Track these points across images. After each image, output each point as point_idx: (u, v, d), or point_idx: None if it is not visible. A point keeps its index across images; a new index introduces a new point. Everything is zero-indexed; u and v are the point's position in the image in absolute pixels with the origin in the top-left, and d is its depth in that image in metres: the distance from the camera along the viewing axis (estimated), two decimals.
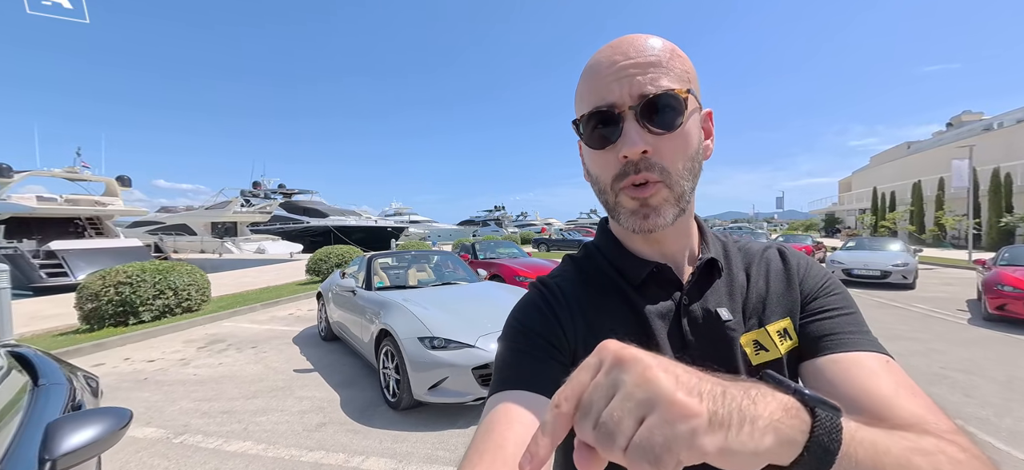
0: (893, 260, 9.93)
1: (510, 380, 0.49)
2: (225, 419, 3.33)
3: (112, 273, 6.67)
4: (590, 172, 0.57)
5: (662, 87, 0.49)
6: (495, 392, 0.49)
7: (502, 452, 0.41)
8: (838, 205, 44.11)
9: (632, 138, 0.48)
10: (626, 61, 0.50)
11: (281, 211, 33.31)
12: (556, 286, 0.60)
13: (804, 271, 0.61)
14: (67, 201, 19.77)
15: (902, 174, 30.94)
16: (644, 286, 0.57)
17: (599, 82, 0.51)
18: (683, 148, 0.51)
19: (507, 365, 0.52)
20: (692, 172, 0.53)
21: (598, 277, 0.61)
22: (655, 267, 0.57)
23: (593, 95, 0.51)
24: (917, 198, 26.12)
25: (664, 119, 0.49)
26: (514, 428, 0.44)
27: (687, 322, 0.55)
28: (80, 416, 1.29)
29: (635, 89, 0.49)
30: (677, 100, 0.49)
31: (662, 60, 0.50)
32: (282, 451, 2.84)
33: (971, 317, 6.69)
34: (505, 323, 0.58)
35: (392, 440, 2.98)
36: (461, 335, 3.36)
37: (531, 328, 0.55)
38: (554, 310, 0.57)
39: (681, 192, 0.52)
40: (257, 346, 5.41)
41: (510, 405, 0.46)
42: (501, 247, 10.89)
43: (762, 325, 0.56)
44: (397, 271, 5.43)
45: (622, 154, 0.49)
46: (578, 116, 0.54)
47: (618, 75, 0.49)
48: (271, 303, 8.12)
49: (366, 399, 3.69)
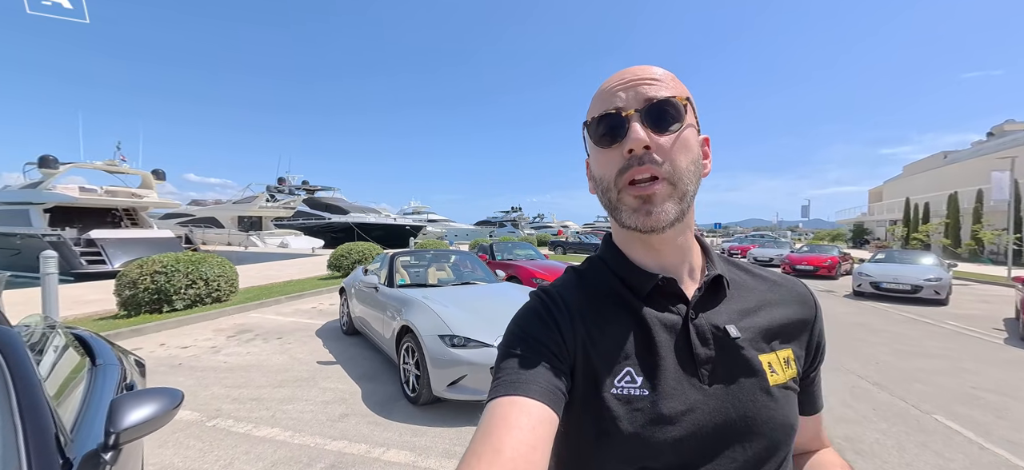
0: (925, 274, 9.56)
1: (509, 385, 0.50)
2: (254, 406, 3.49)
3: (149, 262, 7.02)
4: (594, 175, 0.60)
5: (664, 95, 0.54)
6: (493, 397, 0.50)
7: (499, 457, 0.41)
8: (868, 215, 42.53)
9: (637, 133, 0.52)
10: (633, 77, 0.55)
11: (304, 207, 34.21)
12: (558, 294, 0.61)
13: (819, 324, 0.66)
14: (107, 192, 20.76)
15: (937, 185, 29.64)
16: (649, 298, 0.58)
17: (609, 94, 0.56)
18: (684, 149, 0.54)
19: (506, 370, 0.52)
20: (694, 176, 0.56)
21: (601, 288, 0.62)
22: (661, 279, 0.58)
23: (603, 104, 0.56)
24: (953, 210, 24.98)
25: (666, 122, 0.54)
26: (512, 433, 0.44)
27: (695, 335, 0.56)
28: (140, 394, 1.40)
29: (641, 95, 0.54)
30: (677, 107, 0.54)
31: (664, 80, 0.56)
32: (308, 439, 2.97)
33: (1008, 337, 6.38)
34: (506, 329, 0.59)
35: (411, 434, 3.08)
36: (480, 334, 3.44)
37: (531, 335, 0.55)
38: (555, 318, 0.57)
39: (684, 191, 0.54)
40: (282, 337, 5.62)
41: (508, 410, 0.46)
42: (519, 248, 10.95)
43: (772, 348, 0.58)
44: (418, 270, 5.56)
45: (627, 149, 0.53)
46: (588, 119, 0.59)
47: (625, 86, 0.55)
48: (295, 296, 8.39)
49: (386, 393, 3.80)
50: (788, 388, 0.57)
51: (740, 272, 0.66)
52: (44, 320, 2.19)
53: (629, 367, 0.54)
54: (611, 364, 0.54)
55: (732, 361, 0.55)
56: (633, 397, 0.52)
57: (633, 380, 0.53)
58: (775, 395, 0.55)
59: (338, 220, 31.93)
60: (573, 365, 0.55)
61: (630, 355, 0.55)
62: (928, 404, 3.80)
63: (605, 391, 0.53)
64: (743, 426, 0.53)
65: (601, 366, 0.54)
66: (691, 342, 0.55)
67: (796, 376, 0.59)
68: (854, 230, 40.98)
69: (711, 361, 0.55)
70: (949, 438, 3.21)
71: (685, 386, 0.53)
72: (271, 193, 36.65)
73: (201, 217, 32.56)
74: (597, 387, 0.53)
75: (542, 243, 27.42)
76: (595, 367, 0.54)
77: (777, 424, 0.54)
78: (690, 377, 0.54)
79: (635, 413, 0.51)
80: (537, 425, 0.45)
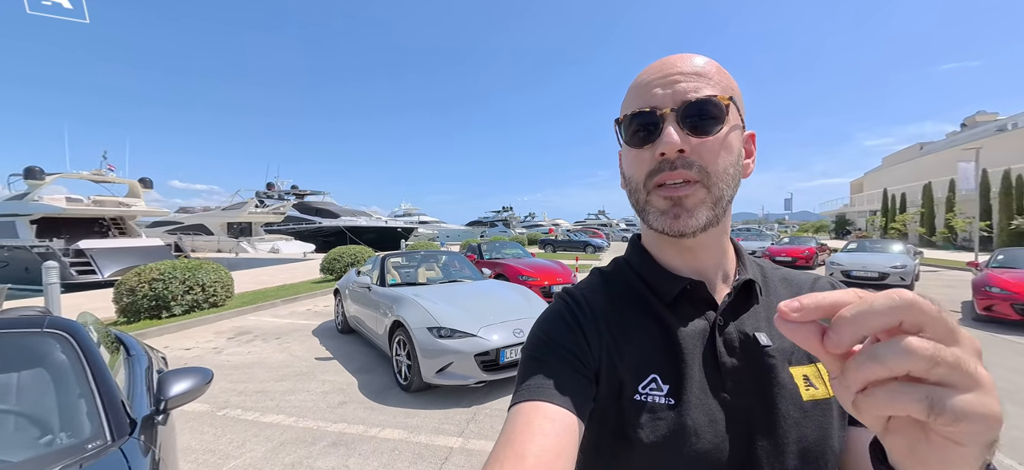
0: (892, 262, 10.13)
1: (532, 390, 0.48)
2: (259, 397, 3.80)
3: (147, 270, 7.24)
4: (625, 174, 0.57)
5: (704, 94, 0.50)
6: (517, 402, 0.48)
7: (523, 463, 0.41)
8: (849, 207, 43.67)
9: (670, 137, 0.49)
10: (672, 71, 0.51)
11: (294, 212, 34.17)
12: (582, 298, 0.59)
13: None
14: (94, 202, 20.67)
15: (914, 176, 30.65)
16: (676, 303, 0.56)
17: (644, 89, 0.52)
18: (722, 153, 0.51)
19: (529, 375, 0.50)
20: (732, 180, 0.52)
21: (626, 291, 0.59)
22: (688, 284, 0.55)
23: (637, 100, 0.53)
24: (928, 200, 25.92)
25: (704, 124, 0.50)
26: (535, 439, 0.43)
27: (722, 344, 0.53)
28: (180, 372, 1.73)
29: (678, 95, 0.50)
30: (718, 107, 0.50)
31: (707, 73, 0.51)
32: (310, 423, 3.30)
33: (962, 318, 6.90)
34: (529, 333, 0.58)
35: (404, 416, 3.41)
36: (465, 326, 3.79)
37: (555, 339, 0.54)
38: (579, 322, 0.55)
39: (719, 196, 0.51)
40: (281, 337, 5.91)
41: (532, 416, 0.45)
42: (506, 248, 11.30)
43: (811, 360, 0.53)
44: (408, 270, 5.88)
45: (659, 152, 0.50)
46: (621, 116, 0.55)
47: (663, 83, 0.51)
48: (290, 299, 8.65)
49: (380, 383, 4.13)
50: (827, 405, 0.52)
51: (774, 276, 0.63)
52: (89, 317, 2.49)
53: (655, 374, 0.52)
54: (636, 371, 0.52)
55: (761, 372, 0.52)
56: (657, 406, 0.50)
57: (659, 388, 0.51)
58: (808, 411, 0.51)
59: (329, 224, 31.98)
60: (598, 370, 0.53)
61: (656, 362, 0.52)
62: None
63: (630, 398, 0.51)
64: (770, 445, 0.49)
65: (626, 372, 0.52)
66: (717, 351, 0.53)
67: None
68: (836, 221, 42.06)
69: (737, 372, 0.52)
70: None
71: (710, 397, 0.51)
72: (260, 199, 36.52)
73: (189, 225, 32.41)
74: (621, 394, 0.51)
75: (533, 242, 27.77)
76: (620, 373, 0.52)
77: (810, 443, 0.50)
78: (716, 388, 0.51)
79: (658, 423, 0.49)
80: (561, 431, 0.44)
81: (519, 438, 0.43)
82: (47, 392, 1.44)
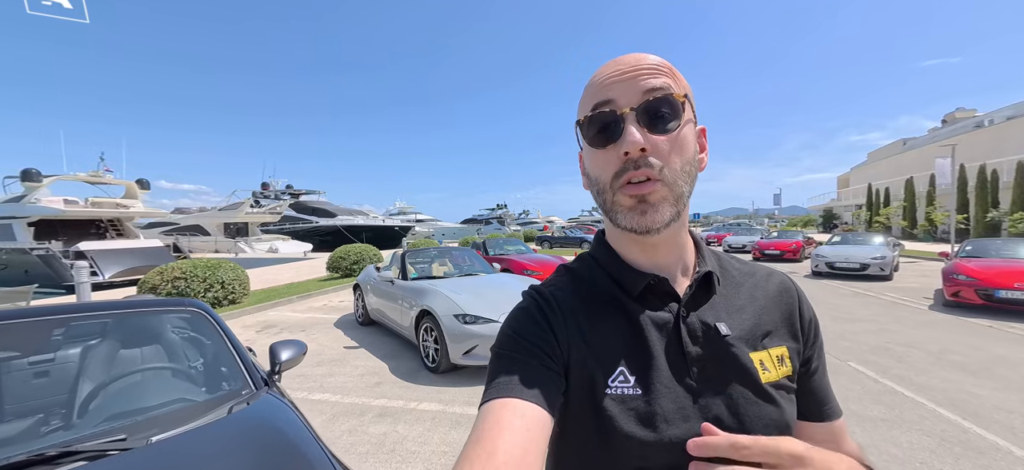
0: (872, 253, 10.75)
1: (501, 387, 0.49)
2: (301, 380, 4.21)
3: (169, 269, 7.59)
4: (589, 175, 0.58)
5: (661, 93, 0.51)
6: (487, 400, 0.49)
7: (492, 460, 0.41)
8: (837, 201, 44.77)
9: (633, 136, 0.50)
10: (628, 68, 0.53)
11: (291, 212, 34.27)
12: (550, 294, 0.60)
13: (808, 314, 0.64)
14: (92, 204, 20.69)
15: (897, 171, 31.62)
16: (641, 297, 0.58)
17: (601, 87, 0.53)
18: (681, 150, 0.53)
19: (499, 372, 0.52)
20: (689, 176, 0.54)
21: (593, 287, 0.61)
22: (653, 279, 0.57)
23: (596, 98, 0.53)
24: (910, 194, 26.87)
25: (663, 121, 0.51)
26: (504, 436, 0.44)
27: (686, 334, 0.55)
28: (284, 343, 2.16)
29: (636, 92, 0.51)
30: (675, 104, 0.52)
31: (661, 70, 0.53)
32: (355, 399, 3.73)
33: (933, 304, 7.40)
34: (499, 331, 0.58)
35: (437, 392, 3.86)
36: (487, 312, 4.24)
37: (524, 336, 0.55)
38: (548, 318, 0.57)
39: (679, 193, 0.53)
40: (305, 330, 6.31)
41: (501, 413, 0.46)
42: (509, 244, 11.77)
43: (764, 346, 0.57)
44: (425, 265, 6.32)
45: (623, 151, 0.51)
46: (581, 117, 0.56)
47: (620, 80, 0.52)
48: (304, 296, 9.03)
49: (409, 367, 4.56)
50: (783, 387, 0.57)
51: (730, 267, 0.66)
52: None
53: (623, 367, 0.54)
54: (605, 364, 0.54)
55: (722, 359, 0.55)
56: (627, 397, 0.52)
57: (626, 379, 0.53)
58: (768, 394, 0.55)
59: (326, 223, 32.14)
60: (567, 365, 0.54)
61: (623, 355, 0.54)
62: (847, 355, 4.74)
63: (600, 391, 0.53)
64: (735, 425, 0.52)
65: (595, 366, 0.54)
66: (682, 341, 0.55)
67: (791, 374, 0.58)
68: (824, 215, 43.10)
69: (702, 360, 0.55)
70: (855, 376, 4.13)
71: (676, 385, 0.53)
72: (256, 199, 36.56)
73: (186, 225, 32.38)
74: (592, 387, 0.53)
75: (529, 239, 28.22)
76: (590, 367, 0.54)
77: (770, 423, 0.53)
78: (682, 376, 0.53)
79: (628, 413, 0.51)
80: (531, 427, 0.46)
81: (488, 435, 0.44)
82: (200, 352, 1.87)
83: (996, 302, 6.56)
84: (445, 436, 3.06)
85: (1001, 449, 2.77)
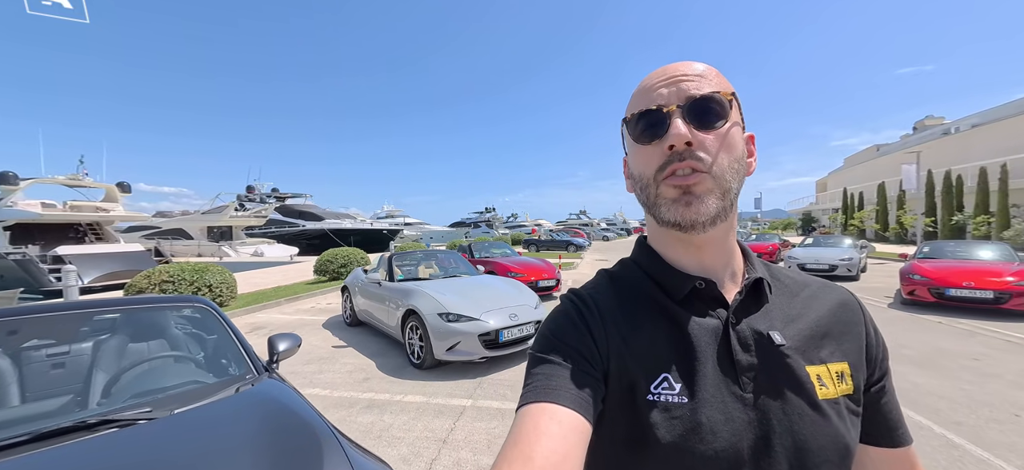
0: (841, 255, 11.31)
1: (539, 392, 0.48)
2: (292, 376, 4.40)
3: (156, 273, 7.67)
4: (633, 172, 0.58)
5: (707, 90, 0.52)
6: (524, 403, 0.48)
7: (530, 464, 0.41)
8: (815, 204, 46.19)
9: (678, 129, 0.50)
10: (675, 73, 0.54)
11: (277, 215, 33.97)
12: (589, 298, 0.59)
13: (875, 334, 0.60)
14: (70, 207, 20.32)
15: (871, 175, 32.87)
16: (687, 302, 0.56)
17: (650, 90, 0.54)
18: (728, 148, 0.52)
19: (537, 376, 0.50)
20: (738, 174, 0.53)
21: (635, 291, 0.59)
22: (700, 282, 0.55)
23: (643, 100, 0.54)
24: (882, 198, 27.99)
25: (709, 119, 0.52)
26: (542, 441, 0.43)
27: (736, 341, 0.53)
28: (280, 335, 2.39)
29: (682, 92, 0.52)
30: (721, 103, 0.52)
31: (709, 75, 0.54)
32: (344, 393, 3.95)
33: (892, 302, 7.85)
34: (537, 333, 0.58)
35: (421, 386, 4.09)
36: (469, 311, 4.50)
37: (562, 339, 0.54)
38: (587, 322, 0.55)
39: (726, 188, 0.52)
40: (295, 330, 6.46)
41: (539, 418, 0.45)
42: (495, 247, 12.03)
43: (822, 360, 0.54)
44: (411, 267, 6.55)
45: (668, 145, 0.51)
46: (627, 115, 0.56)
47: (667, 83, 0.53)
48: (293, 298, 9.15)
49: (395, 363, 4.79)
50: (842, 405, 0.53)
51: (783, 276, 0.63)
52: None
53: (667, 374, 0.52)
54: (648, 370, 0.52)
55: (776, 370, 0.52)
56: (671, 405, 0.50)
57: (671, 387, 0.51)
58: (824, 410, 0.51)
59: (313, 227, 31.95)
60: (606, 371, 0.53)
61: (668, 361, 0.52)
62: None
63: (641, 398, 0.51)
64: (787, 441, 0.50)
65: (637, 372, 0.52)
66: (732, 348, 0.53)
67: (851, 393, 0.54)
68: (803, 219, 44.43)
69: (754, 369, 0.52)
70: None
71: (725, 395, 0.51)
72: (241, 202, 36.10)
73: (168, 229, 31.85)
74: (632, 394, 0.51)
75: (516, 242, 28.52)
76: (631, 373, 0.52)
77: (826, 442, 0.50)
78: (731, 385, 0.51)
79: (673, 421, 0.49)
80: (569, 433, 0.45)
81: (526, 440, 0.43)
82: (207, 343, 2.10)
83: (946, 300, 7.02)
84: (428, 424, 3.30)
85: (923, 427, 3.14)
